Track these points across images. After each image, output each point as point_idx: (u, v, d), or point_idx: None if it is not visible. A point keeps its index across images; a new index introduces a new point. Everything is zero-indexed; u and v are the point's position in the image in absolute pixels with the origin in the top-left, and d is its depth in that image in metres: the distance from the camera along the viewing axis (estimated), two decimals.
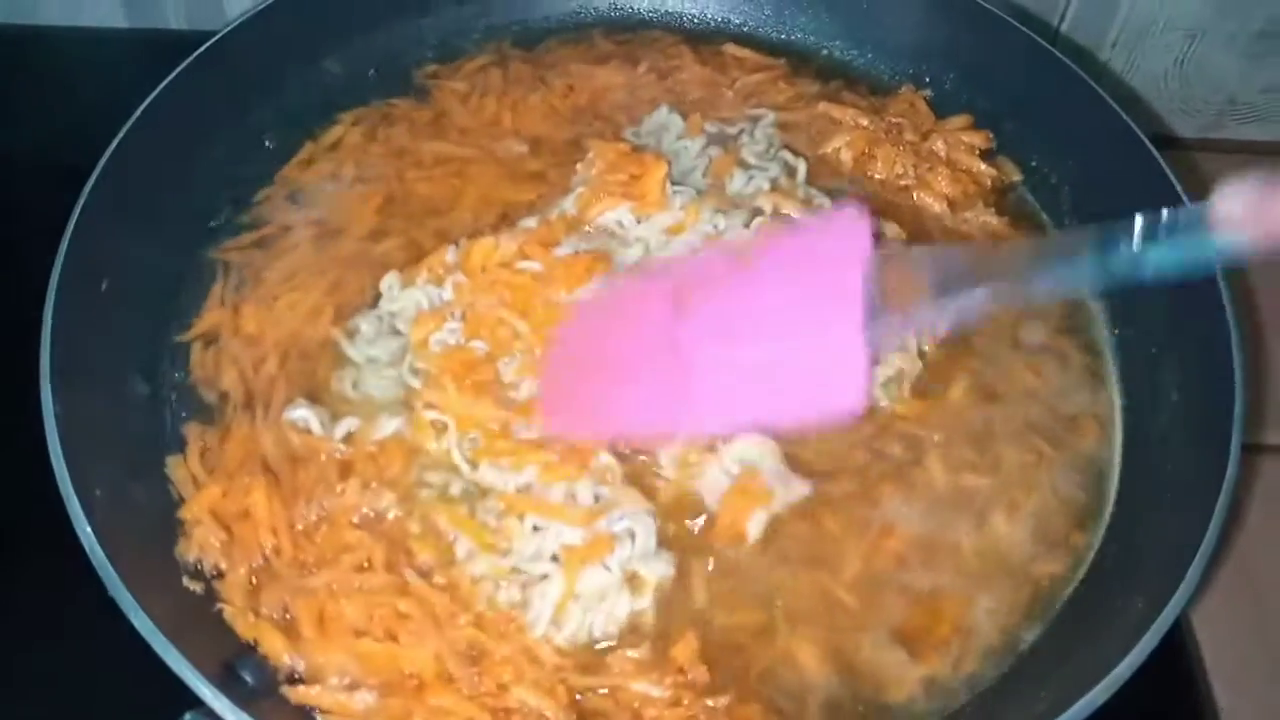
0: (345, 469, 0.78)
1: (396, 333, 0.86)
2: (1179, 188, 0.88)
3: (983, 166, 1.00)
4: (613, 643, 0.74)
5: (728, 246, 0.81)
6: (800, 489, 0.80)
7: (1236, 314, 0.81)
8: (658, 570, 0.76)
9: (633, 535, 0.75)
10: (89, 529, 0.67)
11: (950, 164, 0.99)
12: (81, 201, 0.81)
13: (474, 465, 0.78)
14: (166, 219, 0.89)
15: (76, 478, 0.69)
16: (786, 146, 0.99)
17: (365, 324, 0.86)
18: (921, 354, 0.87)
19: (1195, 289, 0.83)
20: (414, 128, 1.01)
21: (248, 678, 0.68)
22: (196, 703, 0.63)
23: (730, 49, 1.09)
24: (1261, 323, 1.06)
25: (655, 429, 0.78)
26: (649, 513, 0.77)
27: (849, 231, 0.74)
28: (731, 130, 1.00)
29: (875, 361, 0.70)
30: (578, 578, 0.73)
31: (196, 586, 0.73)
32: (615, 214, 0.89)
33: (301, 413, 0.80)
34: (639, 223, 0.89)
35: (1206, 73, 1.19)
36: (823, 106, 1.02)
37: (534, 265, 0.86)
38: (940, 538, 0.79)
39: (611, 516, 0.75)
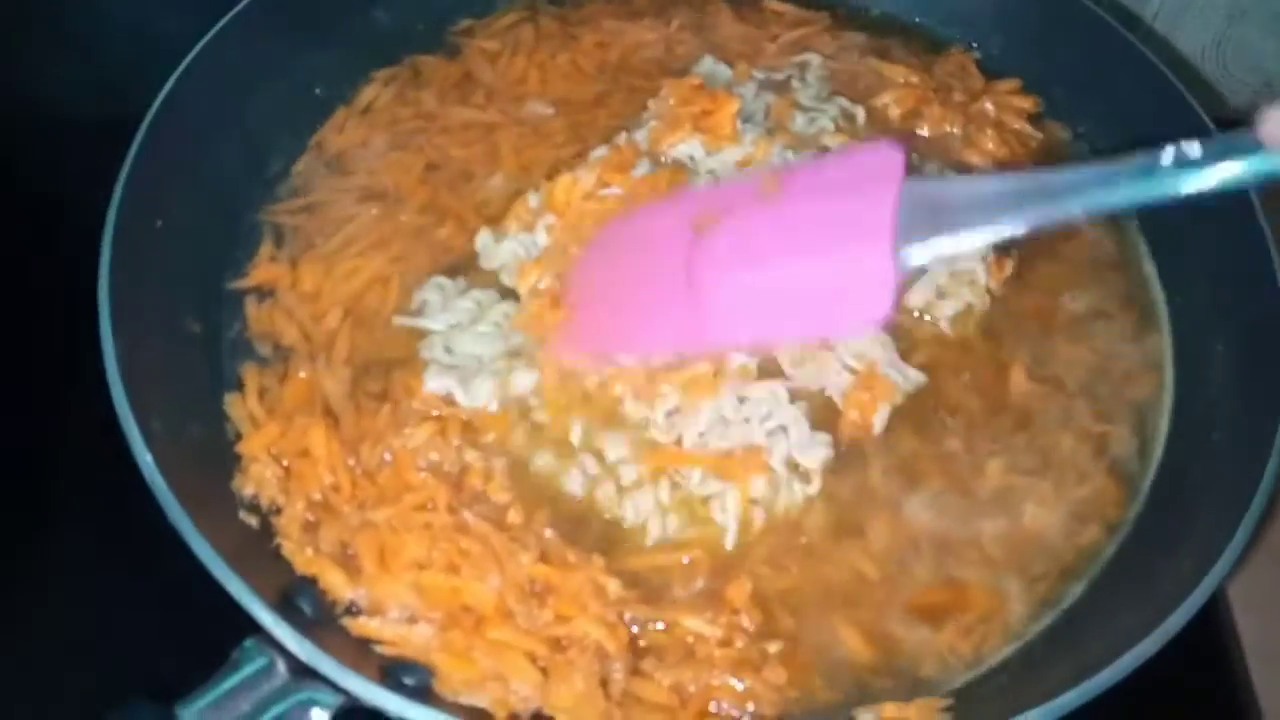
0: (432, 421, 0.77)
1: (467, 290, 0.85)
2: None
3: (1030, 130, 1.00)
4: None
5: (756, 174, 0.81)
6: (916, 378, 0.82)
7: None
8: (818, 456, 0.78)
9: (785, 429, 0.77)
10: (149, 458, 0.67)
11: (998, 126, 0.98)
12: (138, 140, 0.81)
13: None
14: (220, 164, 0.89)
15: (136, 409, 0.69)
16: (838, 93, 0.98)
17: (430, 294, 0.85)
18: (989, 291, 0.87)
19: (1244, 261, 0.84)
20: (442, 89, 0.99)
21: (305, 608, 0.69)
22: (255, 629, 0.63)
23: (770, 4, 1.07)
24: None
25: (674, 347, 0.77)
26: (792, 403, 0.79)
27: (882, 157, 0.75)
28: (779, 76, 0.99)
29: (904, 274, 0.70)
30: (749, 487, 0.76)
31: (253, 520, 0.74)
32: (687, 146, 0.90)
33: (442, 381, 0.79)
34: (709, 156, 0.89)
35: (1244, 54, 1.19)
36: (871, 63, 1.01)
37: (616, 191, 0.86)
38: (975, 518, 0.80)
39: (753, 422, 0.77)
